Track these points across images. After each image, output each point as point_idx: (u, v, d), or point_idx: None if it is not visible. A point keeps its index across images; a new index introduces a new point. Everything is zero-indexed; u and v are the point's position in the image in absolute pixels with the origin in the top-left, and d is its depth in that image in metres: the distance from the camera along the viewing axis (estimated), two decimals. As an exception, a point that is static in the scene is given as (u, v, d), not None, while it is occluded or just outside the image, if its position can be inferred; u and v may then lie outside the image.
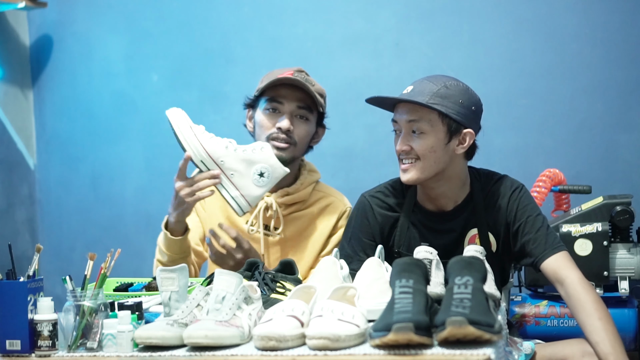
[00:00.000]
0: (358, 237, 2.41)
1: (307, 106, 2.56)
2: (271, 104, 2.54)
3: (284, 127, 2.52)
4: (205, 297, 1.89)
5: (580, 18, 3.46)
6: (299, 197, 2.61)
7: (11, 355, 1.89)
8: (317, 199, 2.65)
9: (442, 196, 2.35)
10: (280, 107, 2.54)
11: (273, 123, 2.54)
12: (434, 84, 2.26)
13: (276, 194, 2.59)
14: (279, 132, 2.53)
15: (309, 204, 2.64)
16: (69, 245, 4.03)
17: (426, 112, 2.24)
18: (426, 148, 2.25)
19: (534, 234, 2.29)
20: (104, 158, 4.01)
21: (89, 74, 4.02)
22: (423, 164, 2.26)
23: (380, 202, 2.41)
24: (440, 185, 2.32)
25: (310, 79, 2.57)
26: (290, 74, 2.54)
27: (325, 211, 2.64)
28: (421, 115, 2.25)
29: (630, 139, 3.41)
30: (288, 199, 2.60)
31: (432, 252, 2.02)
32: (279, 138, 2.53)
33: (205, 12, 3.87)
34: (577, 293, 2.17)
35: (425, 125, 2.25)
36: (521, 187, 2.38)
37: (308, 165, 2.70)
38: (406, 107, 2.27)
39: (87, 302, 1.89)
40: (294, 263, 2.26)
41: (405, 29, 3.64)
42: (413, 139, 2.26)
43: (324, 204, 2.65)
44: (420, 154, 2.25)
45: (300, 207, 2.62)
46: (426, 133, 2.25)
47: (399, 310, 1.68)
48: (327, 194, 2.68)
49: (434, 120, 2.25)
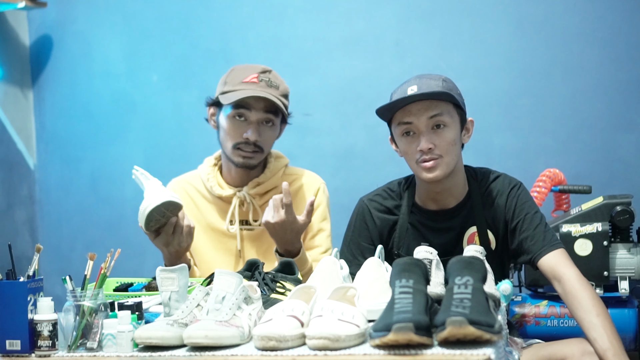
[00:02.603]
0: (357, 242, 2.43)
1: (274, 110, 2.56)
2: (237, 110, 2.53)
3: (251, 139, 2.53)
4: (205, 297, 1.89)
5: (580, 18, 3.46)
6: (270, 184, 2.62)
7: (11, 355, 1.89)
8: (290, 182, 2.64)
9: (447, 192, 2.35)
10: (247, 114, 2.54)
11: (240, 132, 2.54)
12: (435, 80, 2.29)
13: (247, 187, 2.61)
14: (246, 142, 2.54)
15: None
16: (69, 245, 4.03)
17: (444, 104, 2.27)
18: (450, 141, 2.27)
19: (532, 231, 2.30)
20: (104, 158, 4.00)
21: (89, 74, 4.02)
22: (447, 158, 2.28)
23: (378, 205, 2.42)
24: (448, 180, 2.33)
25: (274, 80, 2.56)
26: (255, 78, 2.53)
27: (300, 193, 2.65)
28: (442, 109, 2.27)
29: (630, 139, 3.41)
30: (260, 189, 2.61)
31: (432, 252, 2.01)
32: (246, 147, 2.54)
33: (205, 12, 3.87)
34: (575, 290, 2.17)
35: (447, 118, 2.27)
36: (519, 184, 2.39)
37: (274, 152, 2.70)
38: (424, 104, 2.26)
39: (87, 302, 1.89)
40: (293, 263, 2.26)
41: (405, 29, 3.64)
42: (436, 134, 2.27)
43: (297, 185, 2.66)
44: (443, 150, 2.27)
45: (274, 193, 2.61)
46: (448, 126, 2.27)
47: (399, 310, 1.68)
48: (298, 175, 2.69)
49: (452, 112, 2.29)
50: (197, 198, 2.67)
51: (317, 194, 2.66)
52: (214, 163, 2.70)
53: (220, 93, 2.57)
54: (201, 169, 2.71)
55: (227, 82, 2.57)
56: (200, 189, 2.68)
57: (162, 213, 2.34)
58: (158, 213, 2.33)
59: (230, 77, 2.58)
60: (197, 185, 2.68)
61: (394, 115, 2.31)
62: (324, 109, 3.72)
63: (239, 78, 2.55)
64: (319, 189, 2.67)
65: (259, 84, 2.53)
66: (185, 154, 3.80)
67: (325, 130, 3.68)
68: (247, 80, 2.54)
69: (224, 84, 2.58)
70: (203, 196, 2.67)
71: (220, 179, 2.66)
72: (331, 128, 3.69)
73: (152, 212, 2.31)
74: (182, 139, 3.89)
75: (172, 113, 3.89)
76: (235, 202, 2.59)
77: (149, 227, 2.35)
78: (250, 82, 2.53)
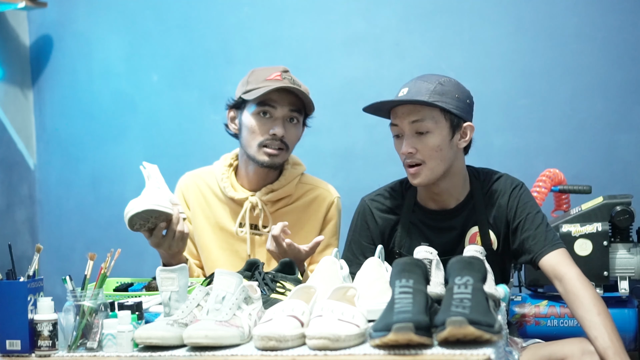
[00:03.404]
0: (358, 241, 2.43)
1: (298, 109, 2.54)
2: (263, 107, 2.50)
3: (279, 134, 2.49)
4: (205, 297, 1.89)
5: (580, 18, 3.46)
6: (284, 192, 2.59)
7: (11, 355, 1.89)
8: (304, 192, 2.62)
9: (446, 193, 2.35)
10: (272, 112, 2.51)
11: (266, 129, 2.50)
12: (429, 83, 2.27)
13: (260, 192, 2.58)
14: (272, 139, 2.50)
15: (296, 198, 2.62)
16: (69, 245, 4.03)
17: (428, 110, 2.25)
18: (432, 147, 2.25)
19: (533, 231, 2.30)
20: (104, 158, 4.00)
21: (89, 74, 4.02)
22: (430, 164, 2.27)
23: (380, 205, 2.42)
24: (445, 182, 2.32)
25: (296, 80, 2.55)
26: (279, 76, 2.50)
27: (313, 204, 2.62)
28: (424, 115, 2.25)
29: (630, 139, 3.41)
30: (273, 196, 2.58)
31: (432, 252, 2.02)
32: (272, 145, 2.51)
33: (205, 12, 3.87)
34: (576, 289, 2.18)
35: (429, 124, 2.25)
36: (521, 184, 2.39)
37: (292, 158, 2.66)
38: (407, 108, 2.27)
39: (87, 302, 1.89)
40: (293, 263, 2.26)
41: (405, 29, 3.64)
42: (419, 139, 2.26)
43: (311, 196, 2.63)
44: (426, 156, 2.26)
45: (287, 202, 2.60)
46: (431, 132, 2.25)
47: (399, 310, 1.68)
48: (313, 185, 2.65)
49: (437, 118, 2.26)
50: (209, 196, 2.63)
51: (331, 208, 2.62)
52: (229, 163, 2.65)
53: (244, 92, 2.52)
54: (216, 167, 2.66)
55: (250, 82, 2.53)
56: (213, 187, 2.64)
57: (145, 219, 2.33)
58: (140, 218, 2.32)
59: (253, 77, 2.54)
60: (211, 183, 2.64)
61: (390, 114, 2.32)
62: (324, 109, 3.71)
63: (262, 77, 2.51)
64: (333, 203, 2.63)
65: (283, 80, 2.50)
66: (185, 154, 3.80)
67: (325, 130, 3.67)
68: (270, 78, 2.50)
69: (246, 84, 2.54)
70: (215, 195, 2.63)
71: (235, 181, 2.62)
72: (331, 128, 3.69)
73: (133, 217, 2.31)
74: (182, 139, 3.89)
75: (172, 113, 3.89)
76: (247, 207, 2.57)
77: (133, 229, 2.35)
78: (274, 80, 2.50)
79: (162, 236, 2.37)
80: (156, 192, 2.36)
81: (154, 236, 2.37)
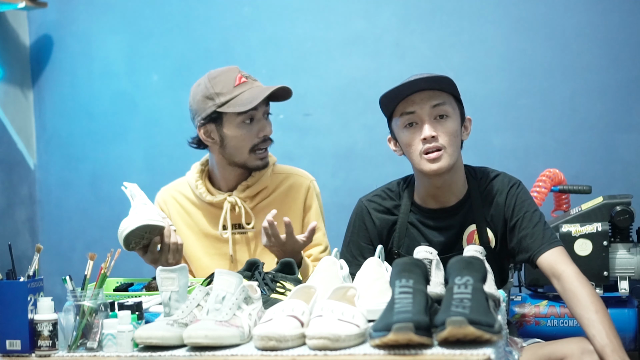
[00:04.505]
0: (356, 242, 2.43)
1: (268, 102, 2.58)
2: (247, 115, 2.51)
3: (269, 134, 2.55)
4: (205, 297, 1.89)
5: (580, 18, 3.46)
6: (259, 185, 2.61)
7: (11, 355, 1.89)
8: (279, 182, 2.64)
9: (447, 189, 2.36)
10: (254, 114, 2.52)
11: (254, 133, 2.53)
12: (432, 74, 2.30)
13: (237, 190, 2.60)
14: (262, 140, 2.54)
15: (272, 190, 2.63)
16: (69, 245, 4.03)
17: (447, 96, 2.29)
18: (452, 132, 2.27)
19: (531, 229, 2.31)
20: (104, 158, 4.00)
21: (89, 73, 4.02)
22: (450, 150, 2.28)
23: (377, 205, 2.43)
24: (450, 175, 2.33)
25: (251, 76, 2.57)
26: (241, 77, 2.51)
27: (291, 192, 2.63)
28: (444, 99, 2.28)
29: (630, 139, 3.41)
30: (250, 191, 2.60)
31: (432, 252, 2.02)
32: (263, 145, 2.55)
33: (205, 12, 3.87)
34: (574, 287, 2.18)
35: (449, 109, 2.29)
36: (518, 183, 2.40)
37: None
38: (427, 94, 2.27)
39: (87, 302, 1.89)
40: (293, 263, 2.26)
41: (405, 29, 3.64)
42: (439, 124, 2.27)
43: (287, 185, 2.64)
44: (446, 141, 2.27)
45: (265, 195, 2.61)
46: (451, 116, 2.29)
47: (399, 310, 1.68)
48: (286, 174, 2.66)
49: (453, 104, 2.31)
50: (188, 205, 2.66)
51: (308, 192, 2.64)
52: (200, 169, 2.67)
53: (220, 105, 2.50)
54: (189, 176, 2.68)
55: (220, 93, 2.50)
56: (189, 196, 2.66)
57: (140, 235, 2.35)
58: (136, 236, 2.34)
59: (219, 86, 2.51)
60: (187, 193, 2.67)
61: (396, 107, 2.31)
62: (324, 109, 3.72)
63: (229, 84, 2.51)
64: (309, 187, 2.65)
65: (248, 81, 2.53)
66: (185, 154, 3.77)
67: (325, 130, 3.68)
68: (238, 84, 2.52)
69: (217, 96, 2.50)
70: (193, 203, 2.65)
71: (209, 185, 2.64)
72: (331, 128, 3.69)
73: (128, 235, 2.33)
74: (182, 139, 3.85)
75: (172, 113, 3.89)
76: (227, 207, 2.58)
77: (129, 248, 2.37)
78: (242, 84, 2.52)
79: (157, 252, 2.39)
80: (144, 208, 2.39)
81: (149, 252, 2.40)
